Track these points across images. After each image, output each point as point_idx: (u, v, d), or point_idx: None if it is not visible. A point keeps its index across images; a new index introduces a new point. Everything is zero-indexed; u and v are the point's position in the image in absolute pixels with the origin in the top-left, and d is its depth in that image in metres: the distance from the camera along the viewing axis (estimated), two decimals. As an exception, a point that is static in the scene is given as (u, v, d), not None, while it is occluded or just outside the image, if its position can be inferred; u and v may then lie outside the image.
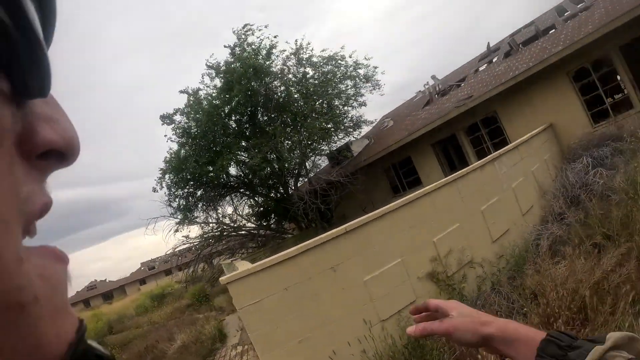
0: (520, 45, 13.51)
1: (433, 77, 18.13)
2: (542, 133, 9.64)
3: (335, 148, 17.67)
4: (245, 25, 15.18)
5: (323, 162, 18.86)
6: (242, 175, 16.89)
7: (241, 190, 17.67)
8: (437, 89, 16.86)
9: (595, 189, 7.04)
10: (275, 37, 15.54)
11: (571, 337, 0.61)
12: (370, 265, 4.96)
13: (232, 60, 14.91)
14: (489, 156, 7.33)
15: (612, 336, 0.58)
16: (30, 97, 0.24)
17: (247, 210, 18.79)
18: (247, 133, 16.00)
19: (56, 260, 0.27)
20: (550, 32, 12.78)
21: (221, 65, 15.17)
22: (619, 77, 10.93)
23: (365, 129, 18.96)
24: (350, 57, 16.54)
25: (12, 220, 0.22)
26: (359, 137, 18.30)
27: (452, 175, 6.36)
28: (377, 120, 20.28)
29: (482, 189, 6.57)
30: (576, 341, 0.60)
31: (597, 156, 8.46)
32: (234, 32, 15.23)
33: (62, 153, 0.25)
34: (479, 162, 6.99)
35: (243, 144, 15.81)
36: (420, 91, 19.09)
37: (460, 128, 13.12)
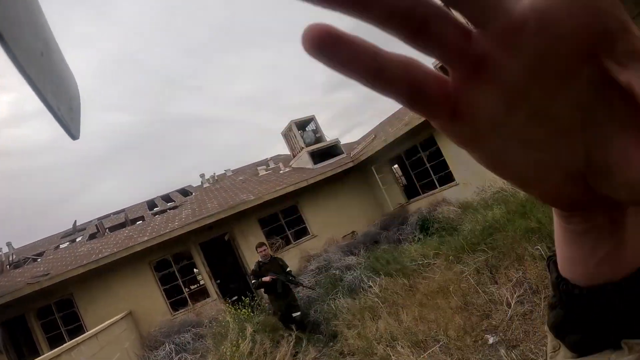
0: (108, 230, 13.18)
1: (8, 245, 15.10)
2: (121, 320, 9.03)
3: None
4: None
5: None
6: None
7: None
8: (11, 259, 13.84)
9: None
10: None
11: None
12: None
13: None
14: (65, 344, 6.34)
15: None
16: None
17: None
18: None
19: None
20: (139, 222, 12.96)
21: None
22: (196, 270, 11.67)
23: None
24: None
25: None
26: None
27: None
28: None
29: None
30: None
31: (179, 342, 8.70)
32: None
33: None
34: (54, 351, 5.95)
35: None
36: (-10, 258, 14.95)
37: (32, 309, 10.70)
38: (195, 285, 12.45)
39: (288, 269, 7.39)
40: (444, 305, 5.38)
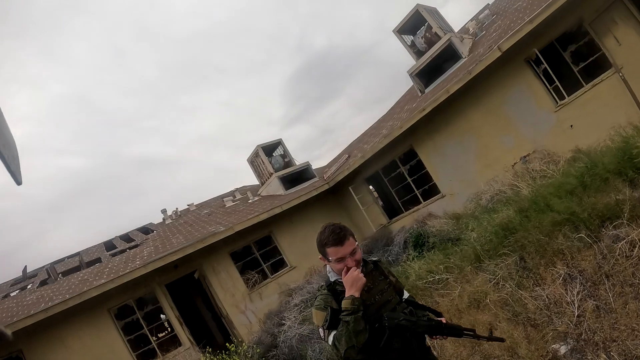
0: (60, 275, 11.53)
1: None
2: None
3: None
4: None
5: None
6: None
7: None
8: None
9: None
10: None
11: None
12: None
13: None
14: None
15: None
16: None
17: None
18: None
19: None
20: (95, 265, 11.50)
21: None
22: (163, 316, 10.28)
23: None
24: None
25: None
26: None
27: None
28: None
29: None
30: None
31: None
32: None
33: None
34: None
35: None
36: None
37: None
38: (164, 333, 10.93)
39: (406, 296, 2.38)
40: (485, 321, 4.56)
